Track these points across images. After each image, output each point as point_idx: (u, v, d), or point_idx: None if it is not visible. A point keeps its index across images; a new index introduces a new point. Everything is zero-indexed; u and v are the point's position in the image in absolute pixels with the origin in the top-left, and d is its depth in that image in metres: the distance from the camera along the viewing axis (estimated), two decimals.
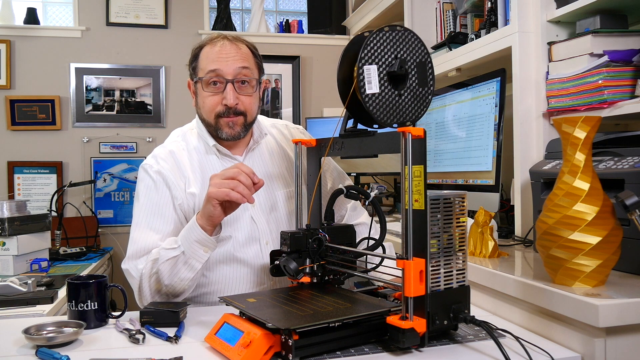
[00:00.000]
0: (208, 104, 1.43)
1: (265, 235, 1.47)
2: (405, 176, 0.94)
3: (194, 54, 1.46)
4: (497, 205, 1.72)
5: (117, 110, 3.42)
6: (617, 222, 1.04)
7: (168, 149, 1.48)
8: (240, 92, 1.42)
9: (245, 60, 1.43)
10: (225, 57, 1.41)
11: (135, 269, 1.35)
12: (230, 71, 1.40)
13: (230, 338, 0.98)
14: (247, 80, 1.43)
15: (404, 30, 1.04)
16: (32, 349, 1.03)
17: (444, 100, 2.08)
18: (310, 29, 3.81)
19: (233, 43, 1.43)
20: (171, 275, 1.30)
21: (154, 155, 1.48)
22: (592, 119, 1.05)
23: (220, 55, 1.41)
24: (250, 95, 1.44)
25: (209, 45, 1.44)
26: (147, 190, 1.43)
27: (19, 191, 3.27)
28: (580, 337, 0.98)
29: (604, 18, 1.52)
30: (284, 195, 1.53)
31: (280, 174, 1.56)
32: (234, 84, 1.41)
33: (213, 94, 1.42)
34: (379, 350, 0.98)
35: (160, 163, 1.44)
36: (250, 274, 1.46)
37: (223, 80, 1.41)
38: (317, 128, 3.37)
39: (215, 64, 1.40)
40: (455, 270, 1.00)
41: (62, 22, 3.60)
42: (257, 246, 1.46)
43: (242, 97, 1.43)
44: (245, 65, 1.42)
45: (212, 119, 1.43)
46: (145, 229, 1.39)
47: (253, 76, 1.45)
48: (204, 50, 1.44)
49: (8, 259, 1.96)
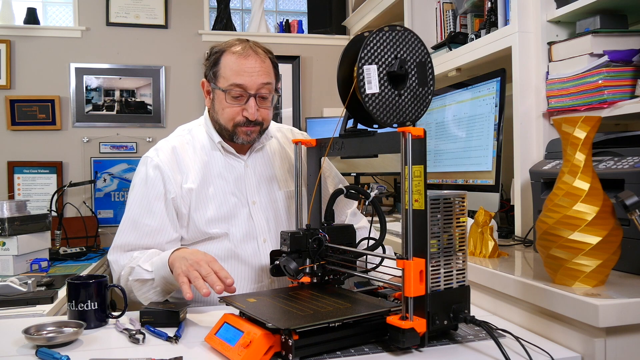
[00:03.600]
0: (228, 112, 1.45)
1: (263, 233, 1.49)
2: (405, 176, 0.94)
3: (215, 58, 1.46)
4: (497, 205, 1.72)
5: (117, 110, 3.42)
6: (617, 222, 1.04)
7: (171, 144, 1.51)
8: (261, 106, 1.45)
9: (269, 75, 1.45)
10: (250, 71, 1.41)
11: (117, 265, 1.42)
12: (254, 86, 1.42)
13: (230, 338, 0.98)
14: (268, 96, 1.46)
15: (404, 30, 1.04)
16: (32, 349, 1.03)
17: (444, 100, 2.08)
18: (310, 29, 3.81)
19: (258, 56, 1.43)
20: (140, 292, 1.36)
21: (156, 148, 1.51)
22: (592, 119, 1.05)
23: (245, 68, 1.41)
24: (268, 108, 1.48)
25: (234, 54, 1.43)
26: (141, 182, 1.47)
27: (19, 191, 3.27)
28: (580, 337, 0.98)
29: (604, 18, 1.52)
30: (284, 195, 1.55)
31: (282, 174, 1.58)
32: (256, 99, 1.43)
33: (234, 105, 1.44)
34: (379, 350, 0.98)
35: (160, 156, 1.48)
36: (248, 271, 1.47)
37: (246, 94, 1.42)
38: (317, 128, 3.37)
39: (240, 79, 1.41)
40: (455, 270, 1.00)
41: (62, 22, 3.59)
42: (254, 243, 1.48)
43: (262, 110, 1.46)
44: (268, 80, 1.44)
45: (230, 126, 1.46)
46: (132, 223, 1.44)
47: (272, 92, 1.47)
48: (228, 58, 1.43)
49: (8, 259, 1.96)
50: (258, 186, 1.53)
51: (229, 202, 1.48)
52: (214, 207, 1.46)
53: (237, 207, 1.48)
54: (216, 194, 1.47)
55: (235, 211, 1.48)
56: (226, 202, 1.47)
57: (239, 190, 1.50)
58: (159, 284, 1.32)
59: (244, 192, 1.50)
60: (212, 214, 1.45)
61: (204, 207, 1.45)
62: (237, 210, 1.48)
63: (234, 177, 1.51)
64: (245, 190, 1.51)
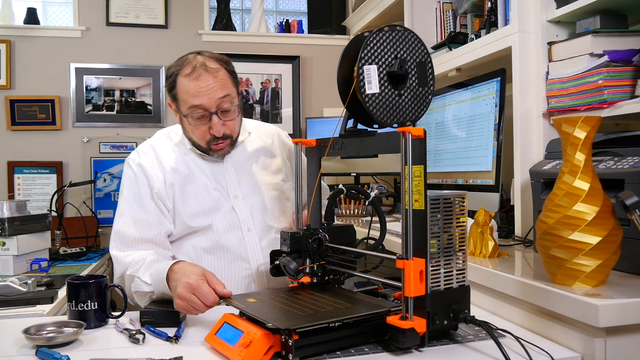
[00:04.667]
0: (197, 134, 1.49)
1: (247, 223, 1.52)
2: (405, 176, 0.94)
3: (170, 82, 1.47)
4: (497, 205, 1.72)
5: (117, 110, 3.42)
6: (617, 222, 1.04)
7: (149, 143, 1.58)
8: (225, 119, 1.47)
9: (225, 87, 1.44)
10: (205, 90, 1.41)
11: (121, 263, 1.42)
12: (212, 103, 1.43)
13: (230, 338, 0.98)
14: (230, 108, 1.46)
15: (404, 30, 1.04)
16: (32, 349, 1.03)
17: (444, 100, 2.08)
18: (310, 29, 3.80)
19: (209, 73, 1.42)
20: (142, 302, 1.38)
21: (136, 150, 1.57)
22: (592, 119, 1.05)
23: (199, 89, 1.41)
24: (234, 119, 1.49)
25: (186, 77, 1.43)
26: (129, 182, 1.51)
27: (19, 191, 3.26)
28: (580, 337, 0.98)
29: (604, 18, 1.52)
30: (267, 186, 1.59)
31: (262, 166, 1.61)
32: (218, 114, 1.44)
33: (200, 125, 1.46)
34: (379, 350, 0.98)
35: (141, 156, 1.53)
36: (234, 260, 1.49)
37: (207, 113, 1.44)
38: (317, 128, 3.37)
39: (197, 100, 1.42)
40: (455, 270, 1.00)
41: (62, 22, 3.59)
42: (239, 233, 1.51)
43: (227, 122, 1.48)
44: (226, 93, 1.44)
45: (203, 144, 1.51)
46: (129, 219, 1.47)
47: (234, 102, 1.47)
48: (181, 82, 1.44)
49: (8, 259, 1.96)
50: (238, 180, 1.56)
51: (212, 196, 1.51)
52: (196, 202, 1.50)
53: (220, 200, 1.52)
54: (198, 189, 1.51)
55: (219, 205, 1.51)
56: (209, 196, 1.51)
57: (220, 185, 1.54)
58: (159, 297, 1.33)
59: (225, 187, 1.54)
60: (194, 208, 1.49)
61: (186, 202, 1.49)
62: (220, 204, 1.51)
63: (214, 172, 1.54)
64: (227, 185, 1.54)
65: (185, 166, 1.53)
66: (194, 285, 1.13)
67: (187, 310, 1.15)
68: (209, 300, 1.12)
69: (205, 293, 1.12)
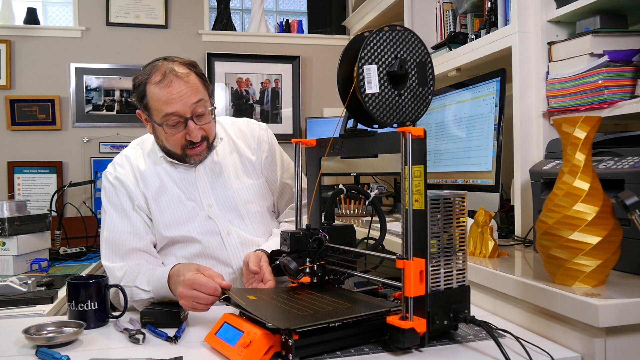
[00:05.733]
0: (172, 141, 1.46)
1: (225, 227, 1.52)
2: (405, 176, 0.94)
3: (140, 91, 1.43)
4: (497, 205, 1.72)
5: (117, 110, 3.42)
6: (617, 222, 1.04)
7: (125, 153, 1.58)
8: (201, 123, 1.45)
9: (197, 91, 1.42)
10: (178, 96, 1.39)
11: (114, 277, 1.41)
12: (187, 109, 1.41)
13: (230, 338, 0.98)
14: (204, 111, 1.44)
15: (404, 30, 1.04)
16: (32, 349, 1.03)
17: (444, 100, 2.08)
18: (310, 29, 3.80)
19: (180, 78, 1.40)
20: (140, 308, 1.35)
21: (112, 162, 1.58)
22: (592, 119, 1.05)
23: (172, 96, 1.39)
24: (209, 122, 1.47)
25: (156, 84, 1.40)
26: (109, 196, 1.51)
27: (19, 191, 3.26)
28: (580, 337, 0.98)
29: (604, 18, 1.52)
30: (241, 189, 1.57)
31: (235, 171, 1.59)
32: (193, 119, 1.42)
33: (176, 133, 1.44)
34: (379, 350, 0.98)
35: (117, 170, 1.53)
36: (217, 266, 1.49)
37: (182, 120, 1.42)
38: (317, 128, 3.37)
39: (170, 107, 1.39)
40: (455, 270, 1.00)
41: (62, 22, 3.59)
42: (218, 238, 1.51)
43: (203, 126, 1.46)
44: (199, 97, 1.42)
45: (178, 151, 1.48)
46: (115, 231, 1.46)
47: (208, 105, 1.46)
48: (152, 90, 1.41)
49: (8, 259, 1.96)
50: (212, 189, 1.54)
51: (187, 207, 1.50)
52: (171, 212, 1.49)
53: (195, 210, 1.51)
54: (171, 200, 1.50)
55: (194, 214, 1.50)
56: (183, 207, 1.50)
57: (194, 195, 1.52)
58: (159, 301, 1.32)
59: (198, 197, 1.52)
60: (170, 219, 1.49)
61: (161, 213, 1.49)
62: (195, 214, 1.51)
63: (187, 183, 1.53)
64: (199, 196, 1.52)
65: (157, 177, 1.51)
66: (192, 279, 1.15)
67: (194, 307, 1.15)
68: (210, 289, 1.13)
69: (204, 283, 1.13)
